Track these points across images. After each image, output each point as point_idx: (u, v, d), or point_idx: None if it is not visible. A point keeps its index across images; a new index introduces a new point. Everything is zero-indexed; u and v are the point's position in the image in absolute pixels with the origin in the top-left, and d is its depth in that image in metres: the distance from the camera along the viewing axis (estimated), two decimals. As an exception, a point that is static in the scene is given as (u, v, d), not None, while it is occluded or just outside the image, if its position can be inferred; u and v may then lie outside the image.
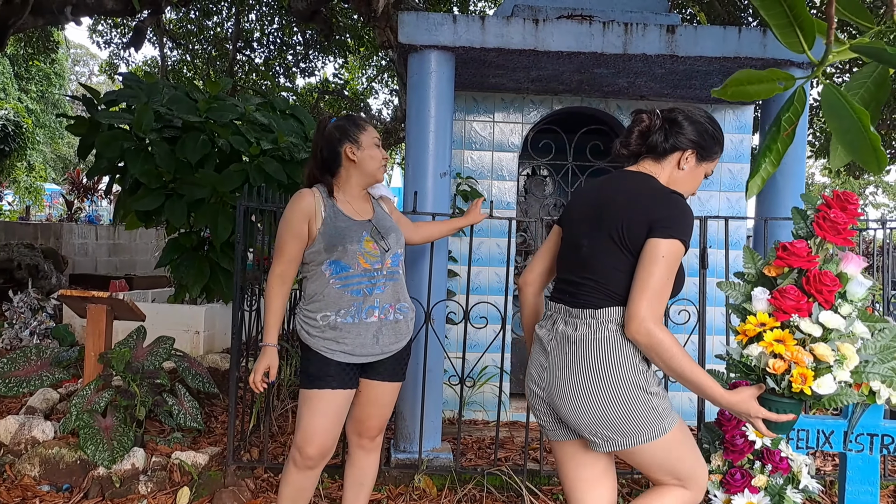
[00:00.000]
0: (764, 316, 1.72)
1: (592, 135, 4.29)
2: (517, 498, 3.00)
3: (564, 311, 1.89)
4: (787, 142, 1.00)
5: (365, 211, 2.39)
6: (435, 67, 3.28)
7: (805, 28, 0.95)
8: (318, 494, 2.99)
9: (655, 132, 1.91)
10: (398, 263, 2.37)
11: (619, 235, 1.80)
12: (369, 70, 14.09)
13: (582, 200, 2.00)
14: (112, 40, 12.92)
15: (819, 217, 1.78)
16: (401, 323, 2.35)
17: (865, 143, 0.94)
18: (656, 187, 1.86)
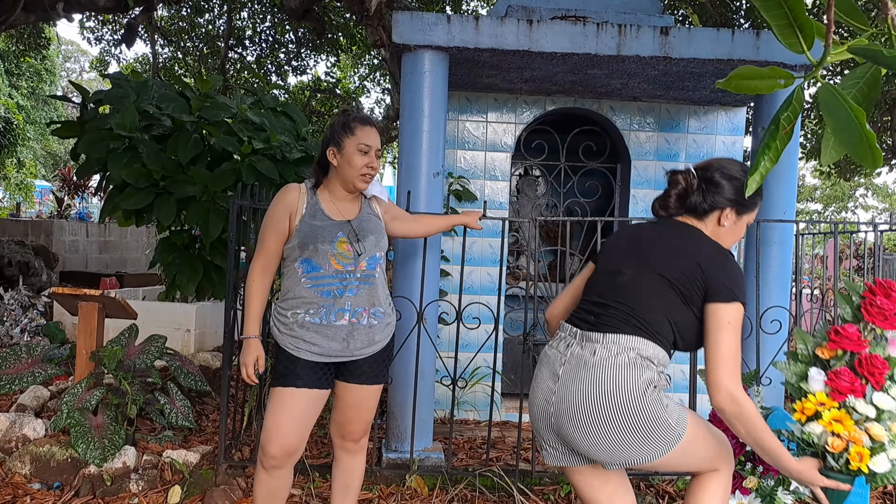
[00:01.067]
0: (822, 396, 1.87)
1: (585, 135, 4.32)
2: (508, 498, 3.02)
3: (581, 335, 1.86)
4: (785, 140, 1.02)
5: (349, 211, 2.32)
6: (429, 67, 3.29)
7: (805, 29, 0.97)
8: (310, 494, 2.99)
9: (693, 193, 1.93)
10: (375, 267, 2.30)
11: (670, 276, 1.80)
12: (361, 69, 14.07)
13: (625, 237, 2.03)
14: (103, 37, 12.85)
15: (866, 304, 1.94)
16: (375, 328, 2.28)
17: (862, 140, 0.96)
18: (710, 244, 1.88)
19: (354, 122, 2.26)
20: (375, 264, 2.30)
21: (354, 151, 2.23)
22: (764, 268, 3.26)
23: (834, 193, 26.83)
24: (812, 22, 0.95)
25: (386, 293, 2.37)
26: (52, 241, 9.51)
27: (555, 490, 3.08)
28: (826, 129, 1.08)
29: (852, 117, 0.95)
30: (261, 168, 4.04)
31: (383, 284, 2.36)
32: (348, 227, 2.26)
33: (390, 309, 2.40)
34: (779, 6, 0.94)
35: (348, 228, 2.26)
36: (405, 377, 3.22)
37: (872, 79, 1.08)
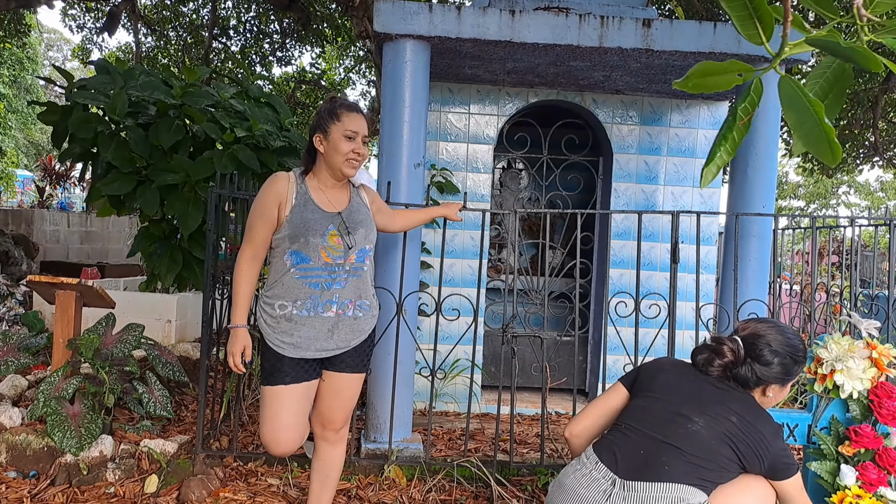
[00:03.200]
0: (857, 489, 2.24)
1: (568, 128, 4.33)
2: (486, 489, 3.03)
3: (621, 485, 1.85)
4: (742, 131, 1.02)
5: (339, 201, 2.32)
6: (410, 57, 3.27)
7: (764, 20, 0.96)
8: (287, 483, 2.99)
9: (740, 366, 1.96)
10: (364, 259, 2.31)
11: (740, 448, 1.87)
12: (347, 60, 13.99)
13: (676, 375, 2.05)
14: (85, 25, 12.68)
15: (877, 406, 2.34)
16: (360, 320, 2.31)
17: (821, 134, 0.95)
18: (770, 424, 1.94)
19: (340, 109, 2.26)
20: (365, 257, 2.30)
21: (340, 137, 2.24)
22: (742, 261, 3.28)
23: (817, 191, 27.09)
24: (771, 13, 0.94)
25: (373, 284, 2.39)
26: (32, 230, 9.40)
27: (532, 481, 3.10)
28: None
29: (811, 112, 0.94)
30: (242, 157, 4.02)
31: (371, 276, 2.37)
32: (338, 219, 2.26)
33: (375, 301, 2.41)
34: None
35: (339, 221, 2.26)
36: (385, 368, 3.22)
37: (839, 70, 1.07)
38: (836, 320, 4.22)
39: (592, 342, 4.48)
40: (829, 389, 2.40)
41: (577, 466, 1.99)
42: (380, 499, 2.92)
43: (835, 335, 2.44)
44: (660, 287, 4.14)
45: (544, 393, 3.17)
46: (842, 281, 3.96)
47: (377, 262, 3.32)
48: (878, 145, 10.82)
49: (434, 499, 2.95)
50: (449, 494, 3.00)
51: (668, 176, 4.38)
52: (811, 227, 3.35)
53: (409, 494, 2.97)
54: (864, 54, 0.88)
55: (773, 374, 1.96)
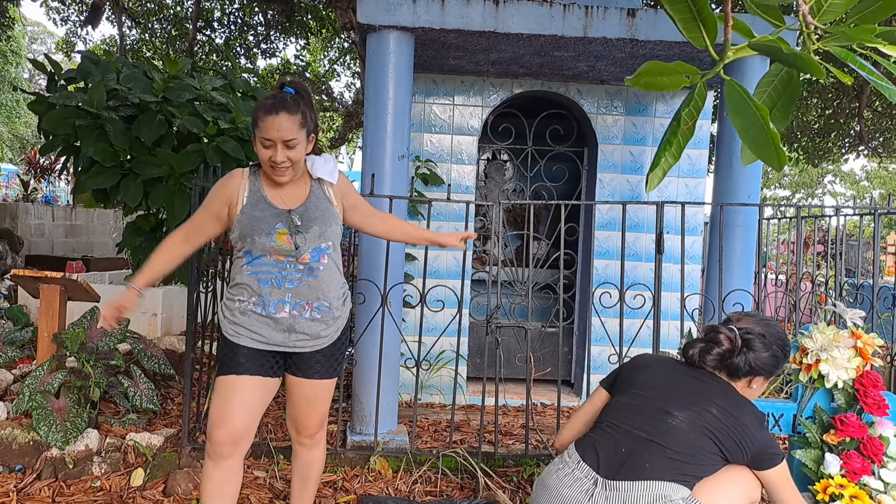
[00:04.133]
0: (840, 479, 2.27)
1: (552, 119, 4.33)
2: (472, 480, 3.04)
3: (603, 484, 1.86)
4: (687, 135, 1.02)
5: (294, 197, 2.18)
6: (394, 48, 3.26)
7: (708, 24, 0.96)
8: (274, 476, 2.99)
9: (736, 356, 1.98)
10: (320, 259, 2.16)
11: (722, 441, 1.88)
12: (331, 52, 13.91)
13: (661, 371, 2.06)
14: (69, 17, 12.55)
15: (862, 395, 2.37)
16: (318, 322, 2.17)
17: (766, 140, 0.95)
18: (754, 413, 1.96)
19: (259, 112, 2.07)
20: (321, 255, 2.16)
21: (259, 144, 2.09)
22: (727, 251, 3.30)
23: (802, 180, 27.27)
24: (714, 17, 0.94)
25: (339, 286, 2.24)
26: (17, 224, 9.31)
27: (518, 472, 3.11)
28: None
29: (757, 117, 0.94)
30: (226, 148, 3.99)
31: (334, 277, 2.21)
32: (288, 217, 2.13)
33: (341, 303, 2.25)
34: (682, 0, 0.94)
35: (288, 219, 2.12)
36: (370, 360, 3.22)
37: (787, 76, 1.07)
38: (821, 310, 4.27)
39: (577, 333, 4.50)
40: (814, 379, 2.42)
41: (560, 465, 2.00)
42: (366, 490, 2.93)
43: (820, 325, 2.47)
44: (645, 278, 4.16)
45: (529, 384, 3.19)
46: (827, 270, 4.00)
47: (361, 255, 3.32)
48: (864, 134, 10.89)
49: (420, 490, 2.96)
50: (435, 486, 3.01)
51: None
52: (797, 217, 3.38)
53: (395, 486, 2.98)
54: (806, 60, 0.89)
55: (764, 364, 1.98)
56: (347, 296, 2.31)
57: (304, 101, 2.11)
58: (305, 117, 2.09)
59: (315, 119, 2.16)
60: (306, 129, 2.10)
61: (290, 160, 2.08)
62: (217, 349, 2.28)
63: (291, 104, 2.06)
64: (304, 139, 2.10)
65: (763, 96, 1.08)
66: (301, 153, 2.11)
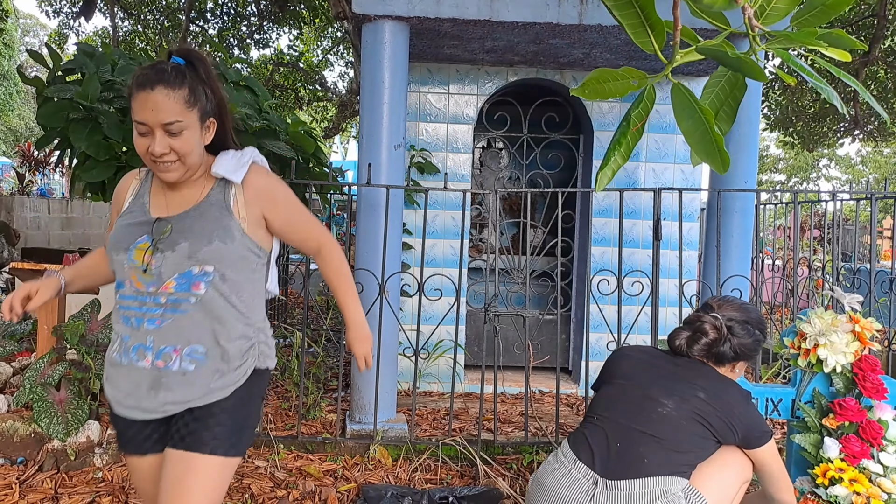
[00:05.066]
0: (839, 462, 2.28)
1: (548, 107, 4.32)
2: (471, 468, 3.06)
3: (604, 484, 1.86)
4: (636, 136, 1.03)
5: (180, 201, 1.62)
6: (389, 38, 3.25)
7: (655, 29, 0.97)
8: (274, 465, 3.01)
9: (722, 344, 1.99)
10: (191, 288, 1.55)
11: (712, 424, 1.89)
12: (324, 42, 13.84)
13: (646, 361, 2.07)
14: (62, 10, 12.45)
15: (861, 379, 2.36)
16: (190, 375, 1.55)
17: (711, 142, 0.96)
18: (740, 394, 1.97)
19: (131, 88, 1.56)
20: (192, 284, 1.55)
21: (135, 131, 1.56)
22: (725, 237, 3.31)
23: (798, 164, 27.28)
24: (662, 22, 0.95)
25: (233, 327, 1.60)
26: (13, 217, 9.30)
27: (517, 459, 3.14)
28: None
29: (702, 119, 0.95)
30: (221, 141, 3.98)
31: (220, 315, 1.59)
32: (155, 227, 1.58)
33: (239, 351, 1.61)
34: (629, 6, 0.93)
35: (154, 230, 1.58)
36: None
37: (734, 78, 1.08)
38: (818, 295, 4.29)
39: (575, 320, 4.52)
40: (813, 364, 2.43)
41: (556, 465, 1.99)
42: (366, 479, 2.95)
43: (818, 310, 2.47)
44: (642, 264, 4.18)
45: (527, 371, 3.20)
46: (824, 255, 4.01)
47: (359, 244, 3.32)
48: (859, 118, 10.90)
49: (420, 478, 2.98)
50: (434, 473, 3.03)
51: (649, 153, 4.40)
52: (793, 202, 3.39)
53: (395, 474, 3.01)
54: (748, 64, 0.90)
55: (748, 349, 2.00)
56: (258, 345, 1.67)
57: (196, 74, 1.57)
58: (195, 94, 1.54)
59: (218, 98, 1.62)
60: (199, 110, 1.55)
61: (177, 152, 1.53)
62: None
63: (173, 76, 1.52)
64: (197, 123, 1.55)
65: (710, 98, 1.09)
66: (191, 143, 1.54)
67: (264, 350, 1.68)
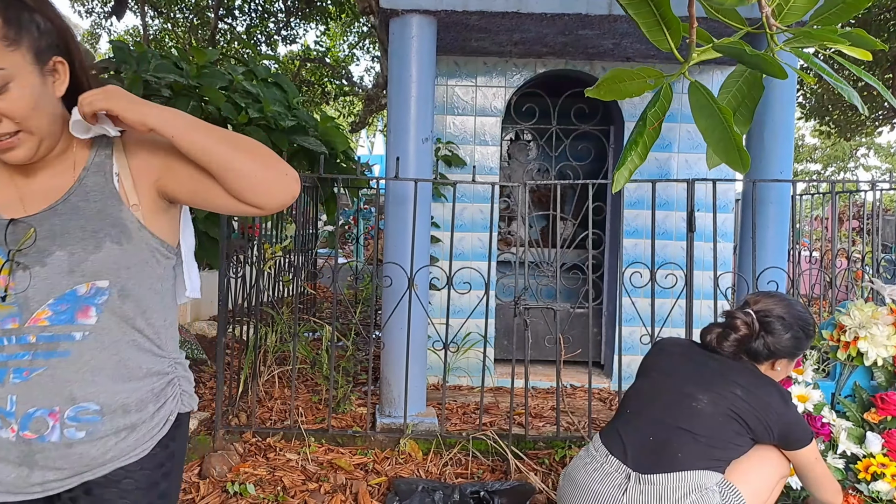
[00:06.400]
0: (882, 457, 2.25)
1: (577, 98, 4.26)
2: (502, 462, 3.05)
3: (636, 478, 1.84)
4: (653, 136, 1.01)
5: (42, 194, 1.10)
6: (416, 32, 3.24)
7: (671, 27, 0.95)
8: (306, 458, 3.03)
9: (755, 340, 1.93)
10: (75, 317, 1.08)
11: (749, 422, 1.85)
12: (350, 37, 13.89)
13: (679, 355, 2.03)
14: (93, 9, 12.67)
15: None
16: (79, 446, 1.09)
17: (730, 142, 0.94)
18: (780, 393, 1.91)
19: None
20: (78, 311, 1.08)
21: None
22: (760, 228, 3.24)
23: (834, 153, 26.61)
24: (678, 19, 0.93)
25: (138, 362, 1.14)
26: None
27: (549, 454, 3.11)
28: None
29: (720, 118, 0.93)
30: (256, 138, 4.01)
31: (124, 347, 1.12)
32: (14, 232, 1.07)
33: (146, 389, 1.15)
34: (644, 3, 0.92)
35: (10, 238, 1.07)
36: (397, 343, 3.23)
37: (752, 77, 1.06)
38: (857, 287, 4.18)
39: (606, 314, 4.47)
40: (853, 357, 2.37)
41: (587, 460, 1.97)
42: (397, 472, 2.96)
43: (857, 302, 2.41)
44: (675, 256, 4.11)
45: (559, 365, 3.18)
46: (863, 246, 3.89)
47: (387, 238, 3.31)
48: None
49: (451, 472, 2.98)
50: (465, 468, 3.02)
51: (681, 143, 4.32)
52: (831, 192, 3.30)
53: (426, 468, 3.00)
54: (768, 61, 0.88)
55: (785, 347, 1.93)
56: (178, 382, 1.22)
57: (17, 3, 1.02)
58: (17, 24, 1.00)
59: (59, 27, 1.08)
60: (28, 48, 1.01)
61: (9, 117, 1.01)
62: None
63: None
64: (29, 68, 1.02)
65: (727, 98, 1.07)
66: (28, 99, 1.01)
67: (185, 387, 1.23)
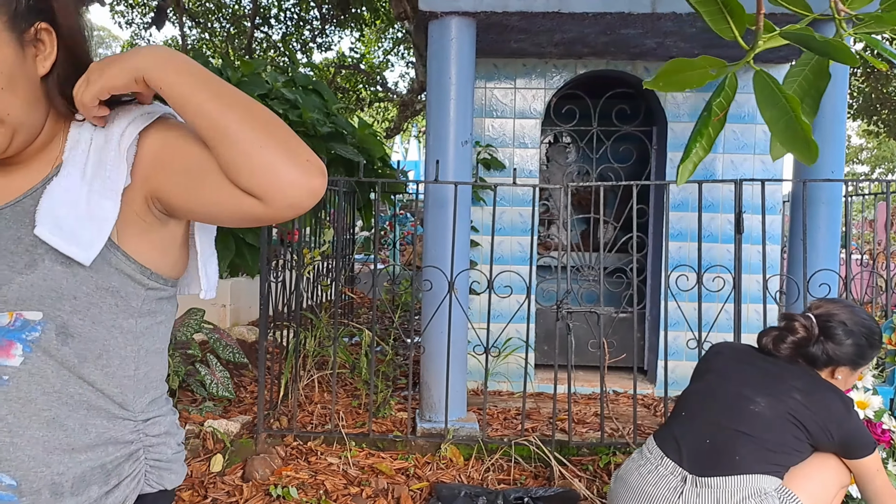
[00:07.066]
0: None
1: (618, 99, 4.20)
2: (545, 468, 3.00)
3: (693, 481, 1.80)
4: (718, 126, 0.97)
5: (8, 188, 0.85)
6: (455, 34, 3.22)
7: (735, 15, 0.91)
8: (347, 462, 3.02)
9: (813, 344, 1.87)
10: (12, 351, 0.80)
11: (808, 427, 1.79)
12: (385, 43, 13.99)
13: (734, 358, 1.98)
14: (133, 20, 12.99)
15: None
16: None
17: (797, 132, 0.90)
18: (841, 399, 1.85)
19: None
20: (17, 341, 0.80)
21: None
22: (811, 229, 3.14)
23: (882, 154, 25.83)
24: (742, 7, 0.90)
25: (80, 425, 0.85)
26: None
27: (593, 460, 3.05)
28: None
29: (787, 108, 0.89)
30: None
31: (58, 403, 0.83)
32: None
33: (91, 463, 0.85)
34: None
35: None
36: (438, 347, 3.20)
37: (818, 66, 1.01)
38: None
39: (650, 318, 4.38)
40: None
41: (641, 462, 1.92)
42: (438, 478, 2.92)
43: None
44: (721, 259, 4.01)
45: (603, 370, 3.11)
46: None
47: (427, 241, 3.29)
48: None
49: (493, 478, 2.93)
50: (507, 474, 2.98)
51: (727, 143, 4.23)
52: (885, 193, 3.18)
53: (467, 473, 2.97)
54: (838, 48, 0.83)
55: (845, 354, 1.86)
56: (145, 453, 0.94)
57: None
58: None
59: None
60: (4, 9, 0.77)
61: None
62: None
63: None
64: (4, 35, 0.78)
65: (793, 87, 1.02)
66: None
67: (159, 459, 0.94)
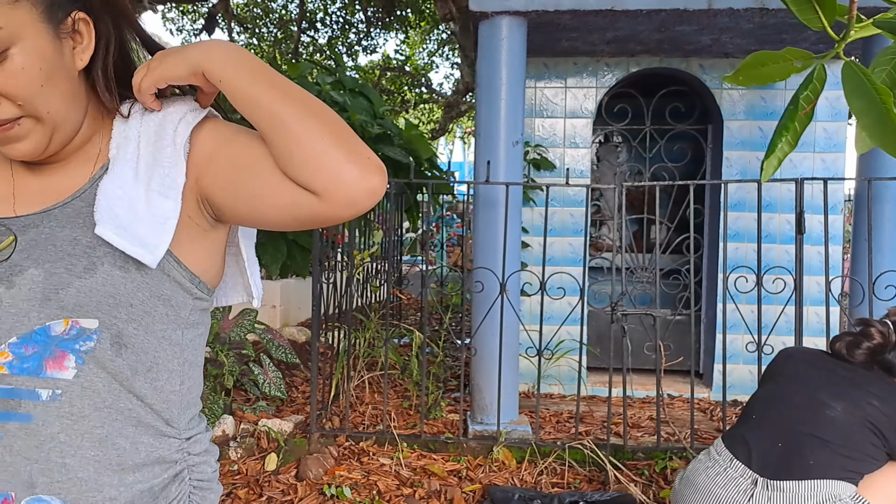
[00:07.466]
0: None
1: (672, 97, 4.11)
2: (599, 472, 2.95)
3: (763, 484, 1.75)
4: (804, 121, 0.92)
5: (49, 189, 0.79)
6: (506, 34, 3.21)
7: (824, 4, 0.86)
8: (399, 463, 3.02)
9: (889, 351, 1.82)
10: (44, 367, 0.73)
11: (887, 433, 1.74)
12: (430, 44, 14.04)
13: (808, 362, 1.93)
14: (184, 27, 13.33)
15: None
16: None
17: (888, 124, 0.85)
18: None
19: None
20: (49, 359, 0.73)
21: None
22: (876, 229, 3.03)
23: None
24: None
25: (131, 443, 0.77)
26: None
27: (649, 465, 2.99)
28: None
29: (877, 100, 0.84)
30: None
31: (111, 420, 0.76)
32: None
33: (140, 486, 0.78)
34: None
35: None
36: (489, 349, 3.19)
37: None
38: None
39: (706, 320, 4.28)
40: None
41: (709, 464, 1.88)
42: (490, 480, 2.91)
43: None
44: (780, 260, 3.89)
45: (659, 374, 3.06)
46: None
47: (477, 243, 3.27)
48: None
49: (546, 481, 2.90)
50: (561, 477, 2.94)
51: (783, 142, 4.10)
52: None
53: (520, 476, 2.94)
54: None
55: None
56: (189, 473, 0.84)
57: None
58: None
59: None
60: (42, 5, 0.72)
61: (9, 97, 0.71)
62: None
63: None
64: (38, 27, 0.72)
65: (882, 77, 0.96)
66: (33, 74, 0.71)
67: (201, 479, 0.87)
